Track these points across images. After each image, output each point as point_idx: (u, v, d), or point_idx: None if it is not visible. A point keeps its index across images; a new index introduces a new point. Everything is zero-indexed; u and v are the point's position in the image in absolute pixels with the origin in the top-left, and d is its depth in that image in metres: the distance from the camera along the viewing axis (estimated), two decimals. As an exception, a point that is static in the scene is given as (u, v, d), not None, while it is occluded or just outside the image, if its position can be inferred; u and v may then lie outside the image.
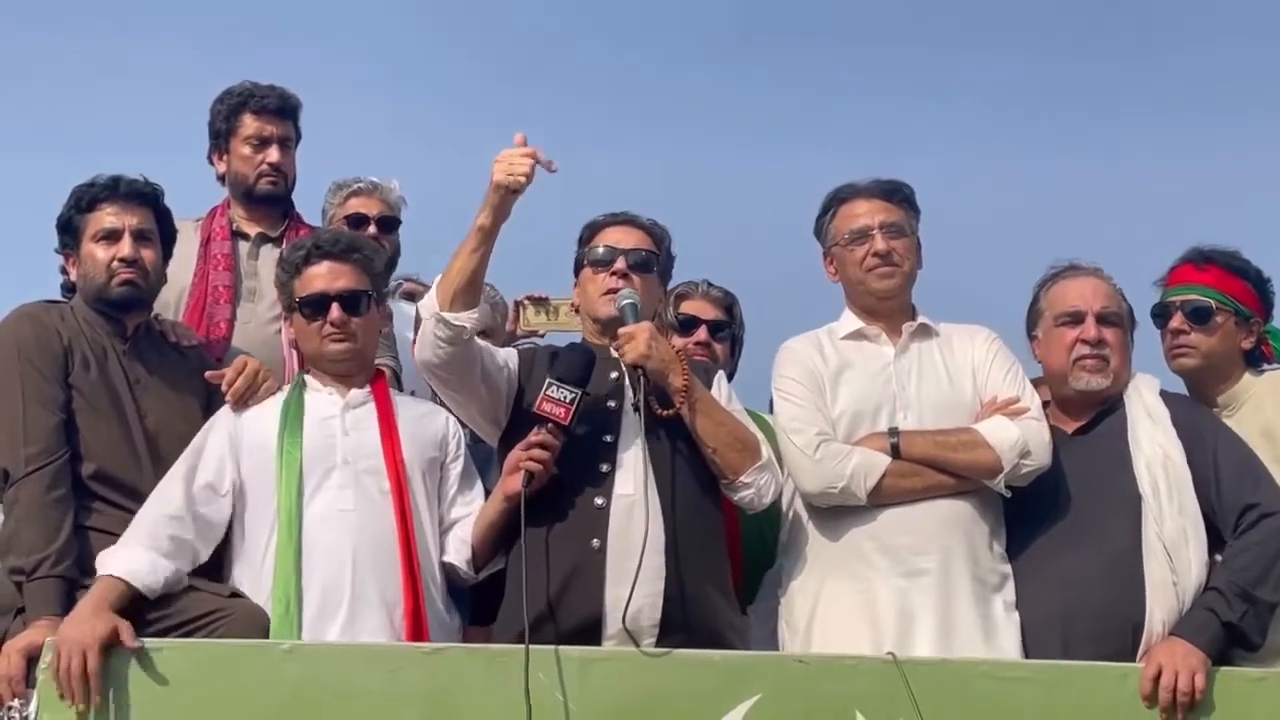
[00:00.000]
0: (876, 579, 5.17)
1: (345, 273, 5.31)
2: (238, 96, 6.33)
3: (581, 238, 5.48)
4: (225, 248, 6.20)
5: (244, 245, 6.27)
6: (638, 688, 4.84)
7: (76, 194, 5.44)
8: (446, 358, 5.07)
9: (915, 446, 5.23)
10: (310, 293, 5.28)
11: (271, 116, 6.31)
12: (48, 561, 4.95)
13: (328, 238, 5.48)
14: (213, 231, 6.25)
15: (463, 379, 5.19)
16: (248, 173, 6.29)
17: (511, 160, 4.93)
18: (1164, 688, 4.88)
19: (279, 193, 6.35)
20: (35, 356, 5.20)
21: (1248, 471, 5.28)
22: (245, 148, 6.29)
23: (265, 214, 6.34)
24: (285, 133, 6.35)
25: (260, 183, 6.29)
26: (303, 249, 5.37)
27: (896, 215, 5.48)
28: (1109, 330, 5.43)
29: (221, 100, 6.38)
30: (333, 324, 5.25)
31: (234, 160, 6.32)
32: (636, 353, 5.00)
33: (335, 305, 5.26)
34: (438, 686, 4.78)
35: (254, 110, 6.30)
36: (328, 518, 5.07)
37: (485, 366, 5.16)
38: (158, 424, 5.31)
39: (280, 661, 4.80)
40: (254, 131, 6.28)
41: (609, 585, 4.93)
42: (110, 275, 5.34)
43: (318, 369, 5.35)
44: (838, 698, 4.85)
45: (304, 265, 5.32)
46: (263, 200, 6.32)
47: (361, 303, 5.31)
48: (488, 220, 4.97)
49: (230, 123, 6.32)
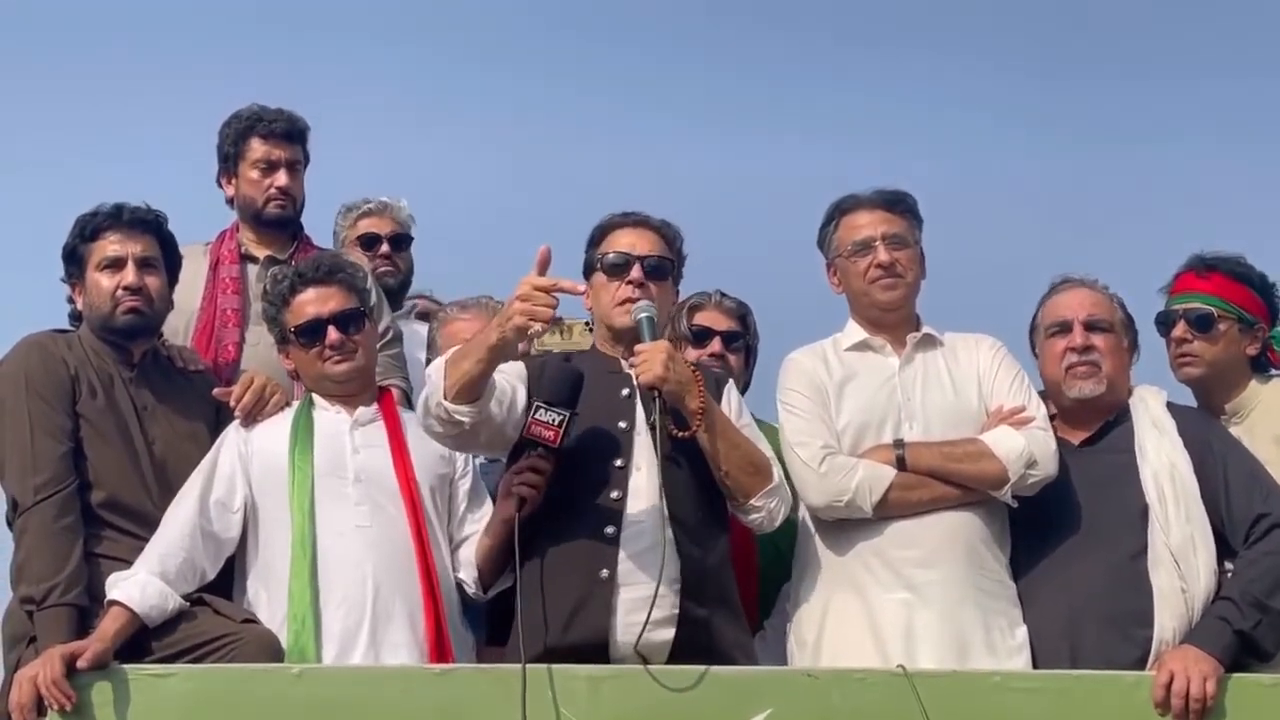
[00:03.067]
0: (881, 593, 5.16)
1: (333, 295, 5.34)
2: (245, 120, 6.34)
3: (592, 239, 5.36)
4: (234, 271, 6.20)
5: (253, 268, 6.25)
6: (647, 706, 4.80)
7: (80, 223, 5.45)
8: (444, 434, 5.00)
9: (921, 458, 5.21)
10: (304, 320, 5.30)
11: (279, 141, 6.31)
12: (57, 590, 4.97)
13: (307, 265, 5.50)
14: (221, 255, 6.25)
15: (462, 446, 5.19)
16: (256, 196, 6.28)
17: (535, 304, 4.69)
18: (1176, 694, 4.86)
19: (287, 216, 6.34)
20: (42, 386, 5.21)
21: (1257, 482, 5.28)
22: (253, 171, 6.29)
23: (274, 237, 6.33)
24: (293, 156, 6.35)
25: (269, 207, 6.29)
26: (284, 280, 5.39)
27: (899, 226, 5.46)
28: (1098, 336, 5.43)
29: (229, 124, 6.38)
30: (332, 346, 5.28)
31: (242, 184, 6.32)
32: (653, 374, 4.88)
33: (331, 327, 5.28)
34: (447, 706, 4.77)
35: (261, 134, 6.30)
36: (344, 533, 5.09)
37: (493, 423, 5.03)
38: (165, 450, 5.32)
39: (290, 685, 4.79)
40: (262, 155, 6.28)
41: (619, 614, 4.88)
42: (115, 304, 5.35)
43: (322, 394, 5.36)
44: (848, 711, 4.83)
45: (290, 295, 5.34)
46: (271, 224, 6.32)
47: (355, 321, 5.34)
48: (498, 344, 4.79)
49: (238, 146, 6.32)
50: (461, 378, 4.82)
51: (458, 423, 4.88)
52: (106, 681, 4.74)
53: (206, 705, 4.76)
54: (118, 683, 4.74)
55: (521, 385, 5.11)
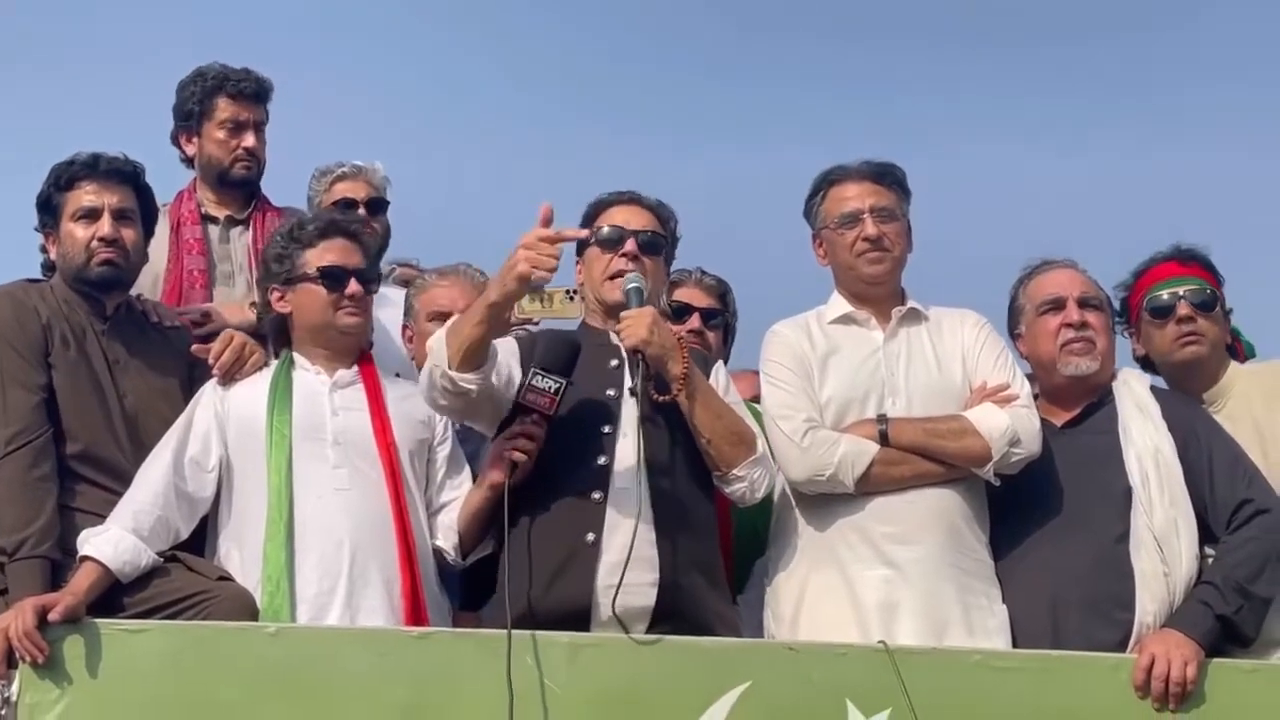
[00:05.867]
0: (861, 569, 5.13)
1: (358, 253, 5.37)
2: (212, 79, 6.32)
3: (586, 216, 5.38)
4: (197, 232, 6.23)
5: (214, 229, 6.27)
6: (626, 674, 4.80)
7: (55, 172, 5.39)
8: (450, 405, 5.02)
9: (904, 434, 5.19)
10: (329, 264, 5.28)
11: (248, 101, 6.32)
12: (29, 542, 4.91)
13: (340, 219, 5.55)
14: (182, 216, 6.25)
15: (467, 417, 5.18)
16: (222, 157, 6.29)
17: (540, 253, 4.74)
18: (1156, 677, 4.86)
19: (252, 177, 6.36)
20: (14, 336, 5.15)
21: (1241, 467, 5.29)
22: (220, 132, 6.29)
23: (234, 197, 6.34)
24: (260, 117, 6.36)
25: (235, 167, 6.31)
26: (317, 225, 5.39)
27: (887, 199, 5.44)
28: (1091, 314, 5.44)
29: (194, 81, 6.36)
30: (350, 297, 5.26)
31: (206, 143, 6.32)
32: (637, 337, 4.89)
33: (354, 279, 5.27)
34: (426, 670, 4.73)
35: (230, 94, 6.29)
36: (322, 496, 5.05)
37: (495, 394, 5.05)
38: (137, 404, 5.26)
39: (266, 644, 4.76)
40: (230, 115, 6.29)
41: (600, 577, 4.87)
42: (90, 255, 5.29)
43: (312, 343, 5.32)
44: (828, 686, 4.81)
45: (319, 238, 5.32)
46: (235, 184, 6.32)
47: (371, 285, 5.38)
48: (499, 299, 4.83)
49: (204, 105, 6.30)
50: (463, 343, 4.85)
51: (463, 391, 4.89)
52: (79, 635, 4.68)
53: (180, 662, 4.70)
54: (90, 637, 4.68)
55: (515, 360, 5.12)
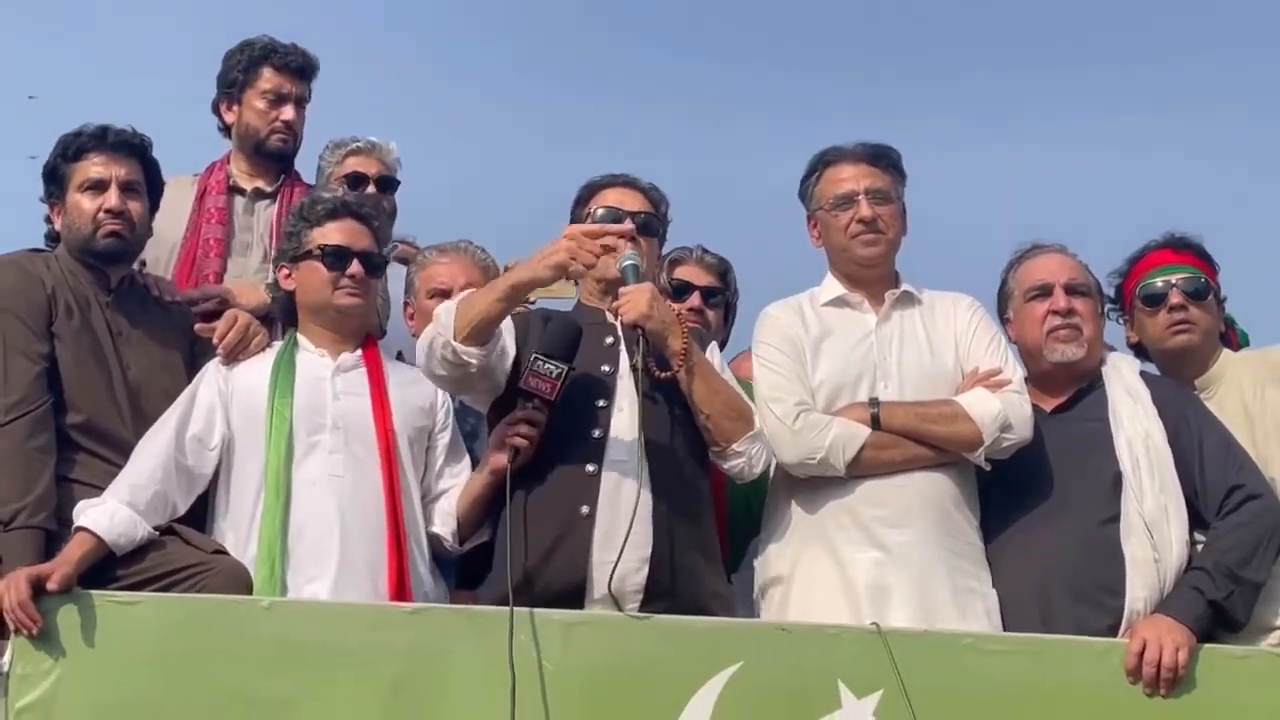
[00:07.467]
0: (852, 551, 5.15)
1: (366, 235, 5.37)
2: (260, 50, 6.39)
3: (579, 198, 5.40)
4: (220, 201, 6.25)
5: (240, 201, 6.29)
6: (620, 652, 4.81)
7: (63, 143, 5.39)
8: (448, 376, 5.03)
9: (895, 418, 5.20)
10: (332, 243, 5.29)
11: (292, 75, 6.38)
12: (25, 511, 4.91)
13: (352, 199, 5.54)
14: (209, 185, 6.30)
15: (462, 389, 5.18)
16: (260, 126, 6.34)
17: (583, 247, 4.81)
18: (1148, 662, 4.88)
19: (288, 151, 6.40)
20: (17, 305, 5.15)
21: (1232, 454, 5.30)
22: (260, 101, 6.34)
23: (266, 169, 6.37)
24: (301, 93, 6.41)
25: (272, 139, 6.36)
26: (328, 203, 5.40)
27: (882, 180, 5.44)
28: (1079, 300, 5.44)
29: (240, 50, 6.42)
30: (352, 278, 5.27)
31: (246, 112, 6.37)
32: (637, 312, 4.89)
33: (357, 260, 5.28)
34: (420, 646, 4.74)
35: (276, 65, 6.36)
36: (317, 481, 5.06)
37: (492, 370, 5.07)
38: (140, 376, 5.27)
39: (260, 618, 4.76)
40: (273, 87, 6.34)
41: (595, 551, 4.89)
42: (96, 226, 5.30)
43: (315, 324, 5.34)
44: (820, 667, 4.83)
45: (327, 218, 5.34)
46: (270, 156, 6.35)
47: (375, 269, 5.39)
48: (527, 280, 4.89)
49: (248, 74, 6.36)
50: (476, 318, 4.87)
51: (463, 364, 4.91)
52: (72, 606, 4.66)
53: (173, 634, 4.70)
54: (84, 608, 4.67)
55: (510, 337, 5.13)
